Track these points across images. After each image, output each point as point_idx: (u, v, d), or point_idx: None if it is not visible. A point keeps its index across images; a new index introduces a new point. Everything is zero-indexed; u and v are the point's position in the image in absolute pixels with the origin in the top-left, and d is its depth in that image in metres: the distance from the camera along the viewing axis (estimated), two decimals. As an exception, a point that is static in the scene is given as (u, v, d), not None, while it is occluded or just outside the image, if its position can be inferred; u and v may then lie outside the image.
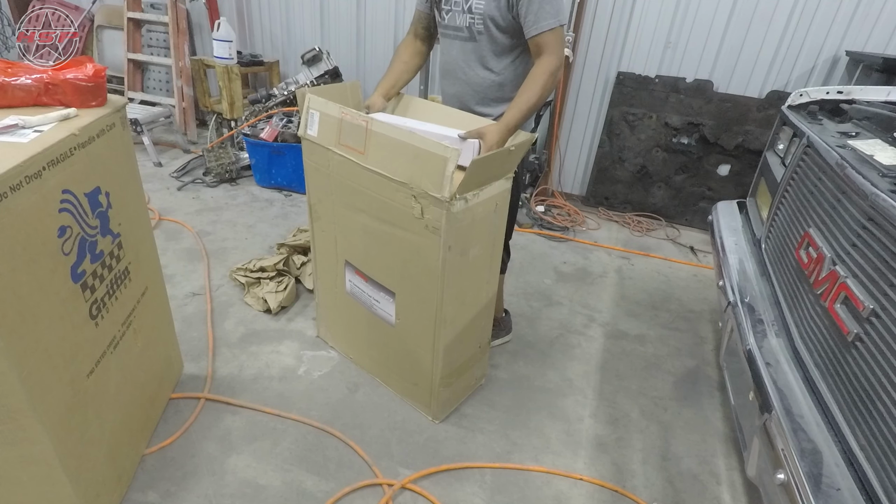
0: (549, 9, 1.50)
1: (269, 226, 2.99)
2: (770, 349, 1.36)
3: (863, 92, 1.92)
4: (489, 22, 1.58)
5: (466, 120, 1.67)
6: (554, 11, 1.51)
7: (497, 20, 1.57)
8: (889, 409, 0.97)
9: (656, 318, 2.48)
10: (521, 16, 1.53)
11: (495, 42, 1.62)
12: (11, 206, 0.93)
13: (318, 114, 1.57)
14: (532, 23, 1.52)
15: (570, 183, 3.76)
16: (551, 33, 1.52)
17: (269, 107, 3.55)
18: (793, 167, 1.66)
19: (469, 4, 1.59)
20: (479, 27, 1.60)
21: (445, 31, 1.69)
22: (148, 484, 1.48)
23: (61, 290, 1.10)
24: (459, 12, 1.62)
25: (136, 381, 1.49)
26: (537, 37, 1.53)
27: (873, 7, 2.75)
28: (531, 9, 1.50)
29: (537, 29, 1.51)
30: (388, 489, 1.52)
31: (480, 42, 1.63)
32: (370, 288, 1.72)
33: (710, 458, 1.75)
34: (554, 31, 1.52)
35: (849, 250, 1.19)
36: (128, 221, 1.38)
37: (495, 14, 1.56)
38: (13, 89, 1.17)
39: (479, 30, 1.61)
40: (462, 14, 1.62)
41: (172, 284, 2.34)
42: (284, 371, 1.94)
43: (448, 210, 1.33)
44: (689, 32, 3.08)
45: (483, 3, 1.56)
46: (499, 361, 2.10)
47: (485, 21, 1.58)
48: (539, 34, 1.52)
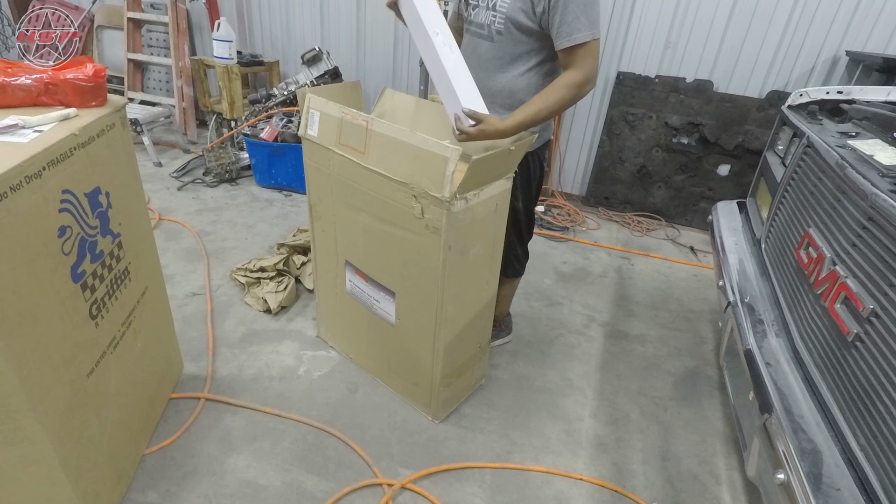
0: (585, 20, 1.39)
1: (269, 226, 2.99)
2: (770, 349, 1.36)
3: (863, 92, 1.92)
4: (510, 23, 1.49)
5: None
6: (589, 24, 1.40)
7: (520, 23, 1.48)
8: (889, 409, 0.97)
9: (656, 318, 2.48)
10: (553, 25, 1.43)
11: (514, 46, 1.53)
12: (11, 206, 0.93)
13: (319, 114, 1.57)
14: (566, 34, 1.42)
15: (570, 183, 3.76)
16: (584, 47, 1.42)
17: (269, 107, 3.55)
18: (793, 167, 1.66)
19: (494, 2, 1.51)
20: (499, 27, 1.52)
21: (469, 27, 1.63)
22: (148, 484, 1.48)
23: (61, 290, 1.10)
24: (484, 8, 1.55)
25: (136, 381, 1.49)
26: (568, 49, 1.43)
27: (873, 7, 2.76)
28: (565, 18, 1.40)
29: (570, 41, 1.42)
30: (388, 489, 1.52)
31: (498, 43, 1.55)
32: (370, 288, 1.72)
33: (710, 458, 1.75)
34: (587, 45, 1.42)
35: (849, 250, 1.19)
36: (128, 221, 1.38)
37: (519, 17, 1.47)
38: (13, 89, 1.17)
39: (499, 30, 1.52)
40: (486, 11, 1.54)
41: (172, 284, 2.34)
42: (284, 371, 1.94)
43: (448, 210, 1.33)
44: (689, 32, 3.08)
45: (508, 3, 1.48)
46: (499, 361, 2.10)
47: (506, 22, 1.50)
48: (571, 46, 1.42)
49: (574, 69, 1.45)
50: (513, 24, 1.49)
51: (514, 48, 1.54)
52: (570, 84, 1.45)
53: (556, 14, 1.41)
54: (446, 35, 1.45)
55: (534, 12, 1.45)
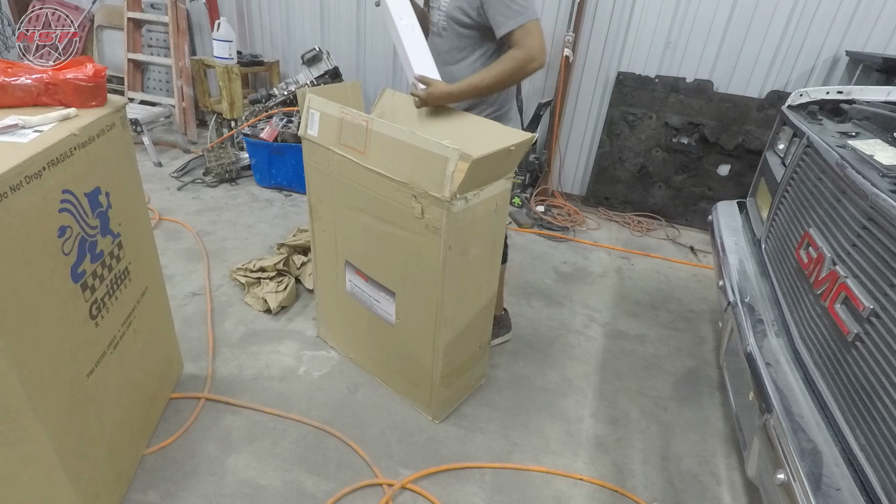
0: (516, 6, 1.51)
1: (269, 226, 2.99)
2: (770, 349, 1.36)
3: (863, 92, 1.92)
4: (451, 20, 1.65)
5: (466, 121, 1.67)
6: (521, 8, 1.52)
7: (458, 19, 1.62)
8: (889, 409, 0.97)
9: (656, 318, 2.48)
10: (490, 17, 1.56)
11: (458, 40, 1.68)
12: (11, 206, 0.93)
13: (319, 114, 1.57)
14: (501, 23, 1.54)
15: (570, 183, 3.76)
16: (521, 30, 1.53)
17: (269, 107, 3.55)
18: (793, 167, 1.66)
19: (440, 2, 1.68)
20: (443, 24, 1.68)
21: (430, 28, 1.79)
22: (148, 484, 1.49)
23: (61, 290, 1.10)
24: (436, 9, 1.71)
25: (136, 381, 1.49)
26: (507, 36, 1.55)
27: (873, 7, 2.76)
28: (498, 9, 1.53)
29: (506, 28, 1.54)
30: (388, 489, 1.52)
31: (445, 39, 1.71)
32: (370, 288, 1.72)
33: (710, 458, 1.75)
34: (524, 27, 1.52)
35: (849, 250, 1.19)
36: (128, 221, 1.38)
37: (457, 14, 1.62)
38: (13, 89, 1.17)
39: (444, 26, 1.69)
40: (436, 11, 1.70)
41: (172, 284, 2.34)
42: (284, 371, 1.94)
43: (448, 210, 1.33)
44: (689, 32, 3.08)
45: (448, 1, 1.64)
46: (499, 361, 2.10)
47: (447, 19, 1.66)
48: (508, 32, 1.54)
49: (517, 48, 1.56)
50: (453, 20, 1.65)
51: (459, 42, 1.69)
52: (513, 59, 1.56)
53: (489, 6, 1.55)
54: (410, 19, 1.69)
55: (471, 7, 1.59)
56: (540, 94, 3.52)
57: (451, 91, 1.60)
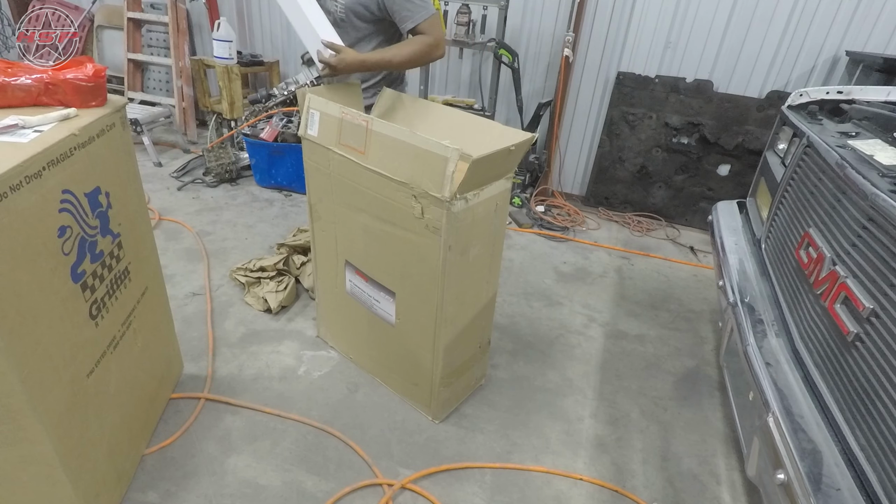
0: (419, 2, 1.66)
1: (269, 226, 2.99)
2: (770, 349, 1.36)
3: (863, 92, 1.91)
4: (350, 13, 1.74)
5: (466, 121, 1.67)
6: (424, 3, 1.67)
7: (359, 13, 1.72)
8: (889, 409, 0.97)
9: (656, 318, 2.48)
10: (393, 14, 1.69)
11: (355, 31, 1.78)
12: (11, 206, 0.93)
13: (319, 113, 1.57)
14: (406, 18, 1.68)
15: (570, 183, 3.76)
16: (427, 22, 1.68)
17: (269, 107, 3.53)
18: (793, 167, 1.66)
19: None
20: (340, 15, 1.76)
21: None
22: (148, 484, 1.49)
23: (61, 290, 1.10)
24: (333, 2, 1.77)
25: (136, 381, 1.49)
26: (413, 30, 1.69)
27: (873, 7, 2.75)
28: (403, 5, 1.66)
29: (414, 21, 1.68)
30: (388, 489, 1.52)
31: (342, 28, 1.77)
32: (370, 288, 1.72)
33: (710, 458, 1.75)
34: (429, 20, 1.68)
35: (849, 250, 1.19)
36: (128, 221, 1.38)
37: (358, 9, 1.72)
38: (13, 89, 1.17)
39: (342, 17, 1.76)
40: (335, 3, 1.77)
41: (172, 284, 2.34)
42: (284, 371, 1.94)
43: (448, 210, 1.33)
44: (689, 32, 3.08)
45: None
46: (499, 361, 2.10)
47: (346, 12, 1.74)
48: (415, 27, 1.68)
49: (426, 35, 1.71)
50: (353, 13, 1.75)
51: (356, 33, 1.80)
52: (425, 42, 1.70)
53: (393, 4, 1.68)
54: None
55: (372, 2, 1.70)
56: (540, 94, 3.52)
57: (364, 59, 1.66)
